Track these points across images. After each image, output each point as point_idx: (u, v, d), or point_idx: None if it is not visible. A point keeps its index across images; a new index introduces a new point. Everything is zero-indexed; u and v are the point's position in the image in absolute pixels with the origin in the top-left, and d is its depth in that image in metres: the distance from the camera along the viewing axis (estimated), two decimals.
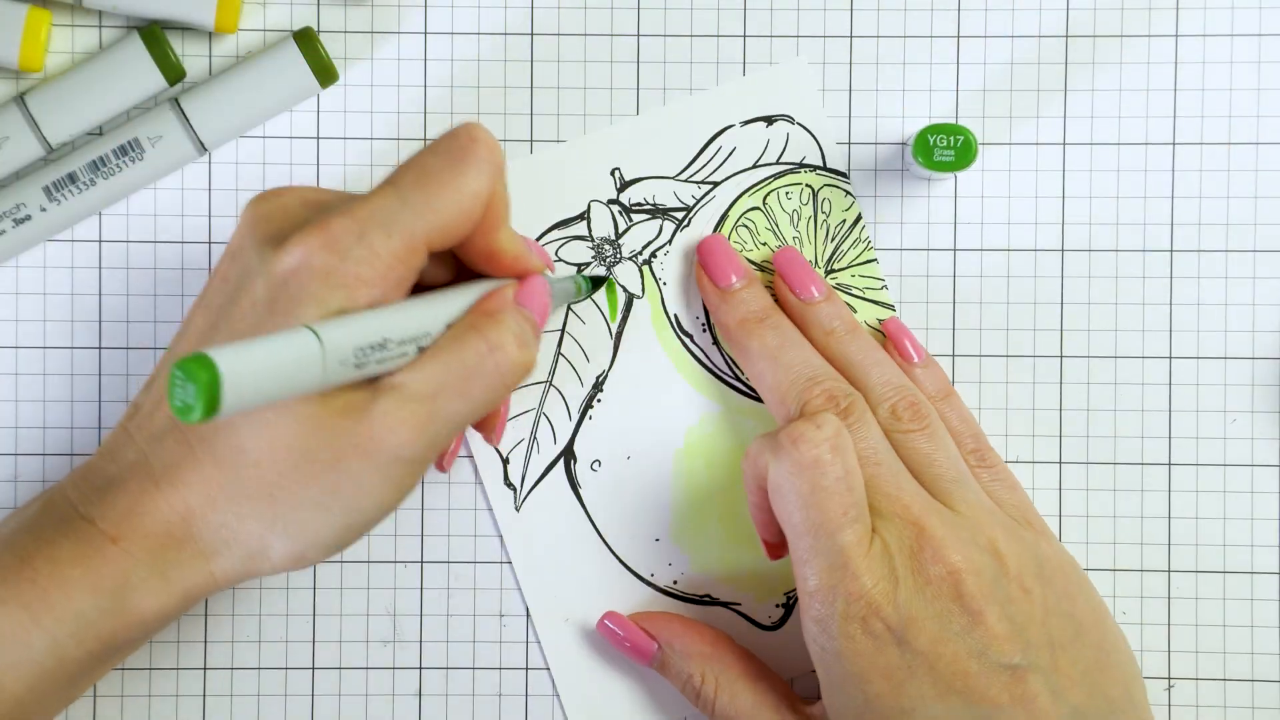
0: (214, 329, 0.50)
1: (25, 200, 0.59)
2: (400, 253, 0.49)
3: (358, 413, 0.48)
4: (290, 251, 0.48)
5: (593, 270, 0.60)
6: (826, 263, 0.60)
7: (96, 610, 0.49)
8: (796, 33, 0.60)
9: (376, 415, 0.48)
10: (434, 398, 0.49)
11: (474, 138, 0.50)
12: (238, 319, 0.49)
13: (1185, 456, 0.61)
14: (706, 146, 0.60)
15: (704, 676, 0.57)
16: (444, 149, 0.50)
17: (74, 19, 0.60)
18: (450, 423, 0.49)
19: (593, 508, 0.60)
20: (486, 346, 0.50)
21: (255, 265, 0.49)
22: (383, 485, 0.49)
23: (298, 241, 0.48)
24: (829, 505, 0.52)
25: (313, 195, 0.52)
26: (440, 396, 0.49)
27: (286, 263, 0.48)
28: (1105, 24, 0.60)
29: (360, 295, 0.48)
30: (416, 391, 0.48)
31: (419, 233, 0.49)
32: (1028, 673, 0.51)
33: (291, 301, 0.48)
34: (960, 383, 0.60)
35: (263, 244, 0.49)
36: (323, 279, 0.48)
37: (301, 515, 0.49)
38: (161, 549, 0.50)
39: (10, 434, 0.60)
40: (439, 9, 0.60)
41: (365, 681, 0.60)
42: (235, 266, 0.50)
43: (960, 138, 0.57)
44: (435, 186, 0.49)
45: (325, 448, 0.48)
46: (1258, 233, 0.60)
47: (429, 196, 0.49)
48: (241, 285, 0.49)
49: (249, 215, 0.51)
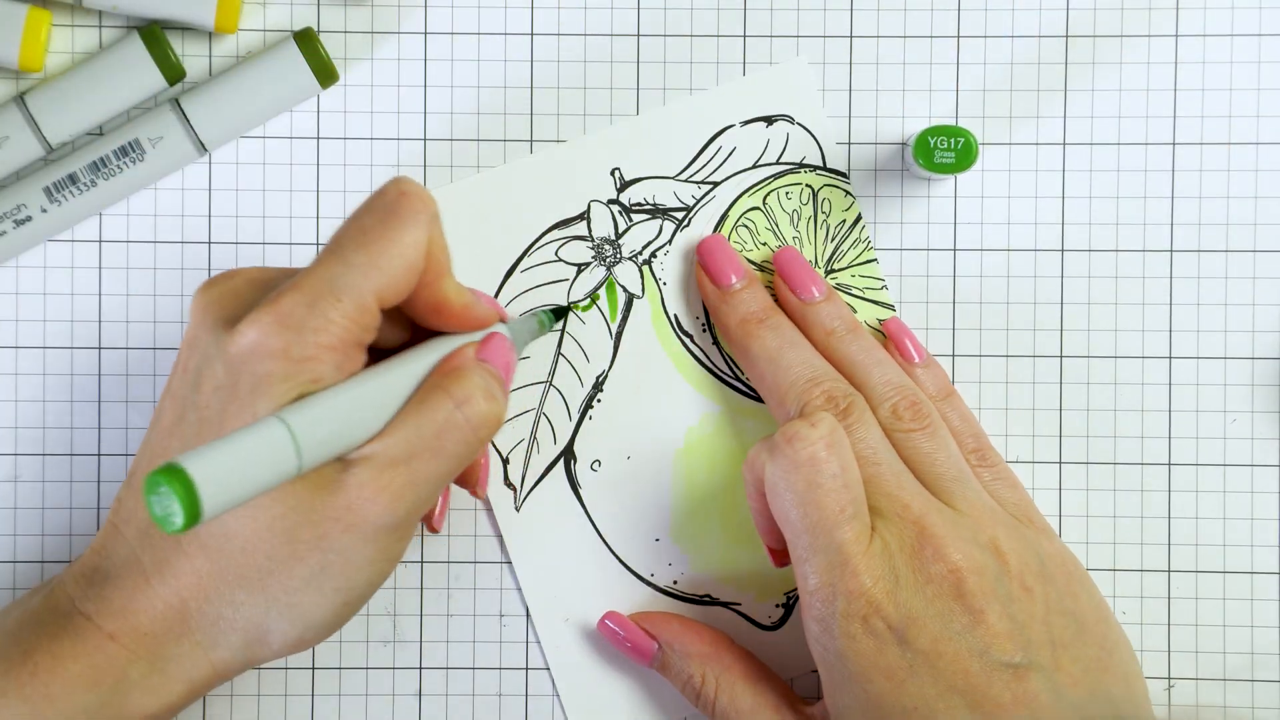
0: (181, 420, 0.50)
1: (26, 200, 0.59)
2: (353, 314, 0.49)
3: (333, 486, 0.48)
4: (244, 333, 0.48)
5: (586, 277, 0.60)
6: (826, 263, 0.60)
7: (97, 705, 0.50)
8: (796, 33, 0.60)
9: (352, 487, 0.48)
10: (407, 461, 0.49)
11: (402, 191, 0.50)
12: (203, 405, 0.49)
13: (1185, 456, 0.61)
14: (706, 146, 0.60)
15: (704, 677, 0.57)
16: (377, 206, 0.50)
17: (74, 19, 0.60)
18: (428, 484, 0.50)
19: (593, 508, 0.60)
20: (453, 403, 0.50)
21: (212, 350, 0.49)
22: (371, 556, 0.50)
23: (250, 322, 0.48)
24: (826, 503, 0.52)
25: (258, 275, 0.52)
26: (414, 459, 0.49)
27: (241, 344, 0.48)
28: (1105, 24, 0.60)
29: (321, 366, 0.48)
30: (389, 457, 0.49)
31: (367, 291, 0.49)
32: (1029, 671, 0.51)
33: (254, 381, 0.48)
34: (960, 383, 0.60)
35: (216, 328, 0.49)
36: (282, 356, 0.48)
37: (295, 597, 0.50)
38: (159, 644, 0.50)
39: (10, 434, 0.60)
40: (439, 9, 0.60)
41: (365, 681, 0.60)
42: (194, 355, 0.50)
43: (960, 139, 0.57)
44: (375, 244, 0.50)
45: (307, 525, 0.48)
46: (1258, 233, 0.60)
47: (371, 256, 0.49)
48: (201, 371, 0.50)
49: (199, 302, 0.51)
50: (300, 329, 0.48)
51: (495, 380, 0.52)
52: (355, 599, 0.51)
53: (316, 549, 0.49)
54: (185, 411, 0.50)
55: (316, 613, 0.50)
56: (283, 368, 0.48)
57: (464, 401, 0.50)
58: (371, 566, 0.50)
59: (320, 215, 0.60)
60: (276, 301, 0.48)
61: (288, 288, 0.49)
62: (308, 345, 0.48)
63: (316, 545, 0.49)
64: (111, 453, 0.60)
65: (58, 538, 0.60)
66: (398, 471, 0.49)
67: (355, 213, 0.51)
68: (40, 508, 0.60)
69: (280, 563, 0.49)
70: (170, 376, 0.52)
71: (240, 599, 0.50)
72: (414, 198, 0.50)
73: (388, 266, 0.49)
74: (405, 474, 0.49)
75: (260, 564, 0.49)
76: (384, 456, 0.49)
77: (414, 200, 0.50)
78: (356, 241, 0.50)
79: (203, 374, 0.49)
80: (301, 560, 0.49)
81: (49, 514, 0.60)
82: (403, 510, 0.49)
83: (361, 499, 0.48)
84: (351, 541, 0.49)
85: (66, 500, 0.60)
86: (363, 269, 0.49)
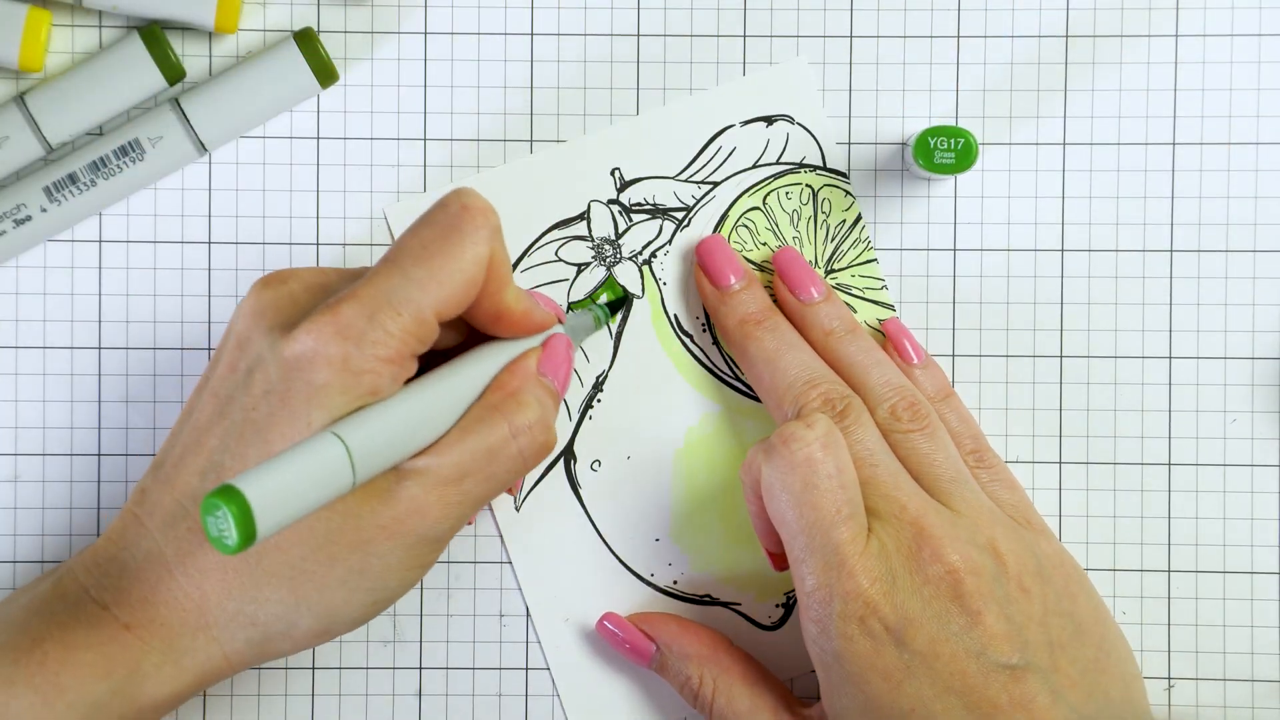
0: (222, 416, 0.50)
1: (25, 200, 0.59)
2: (411, 328, 0.49)
3: (384, 496, 0.49)
4: (301, 340, 0.48)
5: (586, 277, 0.60)
6: (826, 263, 0.60)
7: (109, 694, 0.50)
8: (796, 33, 0.60)
9: (404, 500, 0.49)
10: (459, 481, 0.50)
11: (464, 205, 0.50)
12: (250, 407, 0.49)
13: (1185, 456, 0.60)
14: (706, 146, 0.60)
15: (702, 678, 0.57)
16: (438, 220, 0.50)
17: (74, 19, 0.60)
18: (476, 503, 0.51)
19: (593, 508, 0.60)
20: (510, 431, 0.51)
21: (266, 353, 0.49)
22: (409, 562, 0.50)
23: (309, 330, 0.48)
24: (822, 503, 0.52)
25: (316, 279, 0.52)
26: (465, 480, 0.50)
27: (298, 350, 0.48)
28: (1105, 24, 0.60)
29: (379, 380, 0.48)
30: (442, 476, 0.49)
31: (426, 307, 0.49)
32: (1026, 673, 0.51)
33: (310, 391, 0.48)
34: (960, 383, 0.60)
35: (271, 331, 0.49)
36: (340, 367, 0.48)
37: (327, 595, 0.50)
38: (176, 636, 0.50)
39: (10, 434, 0.60)
40: (439, 9, 0.60)
41: (365, 681, 0.60)
42: (245, 355, 0.50)
43: (960, 140, 0.57)
44: (436, 259, 0.50)
45: (351, 530, 0.49)
46: (1258, 233, 0.60)
47: (431, 270, 0.49)
48: (252, 373, 0.50)
49: (253, 304, 0.51)
50: (360, 341, 0.48)
51: (552, 399, 0.53)
52: (385, 600, 0.51)
53: (357, 552, 0.49)
54: (228, 409, 0.50)
55: (345, 611, 0.50)
56: (340, 379, 0.48)
57: (520, 431, 0.51)
58: (408, 572, 0.51)
59: (320, 215, 0.60)
60: (336, 310, 0.48)
61: (346, 297, 0.49)
62: (366, 358, 0.48)
63: (357, 549, 0.49)
64: (111, 453, 0.60)
65: (58, 538, 0.60)
66: (448, 489, 0.50)
67: (416, 224, 0.51)
68: (40, 508, 0.60)
69: (316, 563, 0.49)
70: (209, 371, 0.52)
71: (266, 595, 0.50)
72: (476, 212, 0.50)
73: (448, 281, 0.50)
74: (455, 492, 0.50)
75: (294, 563, 0.49)
76: (438, 474, 0.49)
77: (476, 215, 0.50)
78: (416, 255, 0.50)
79: (254, 375, 0.49)
80: (340, 562, 0.49)
81: (49, 514, 0.60)
82: (448, 525, 0.50)
83: (411, 512, 0.49)
84: (393, 548, 0.49)
85: (66, 500, 0.60)
86: (421, 283, 0.49)
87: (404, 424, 0.48)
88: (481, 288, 0.51)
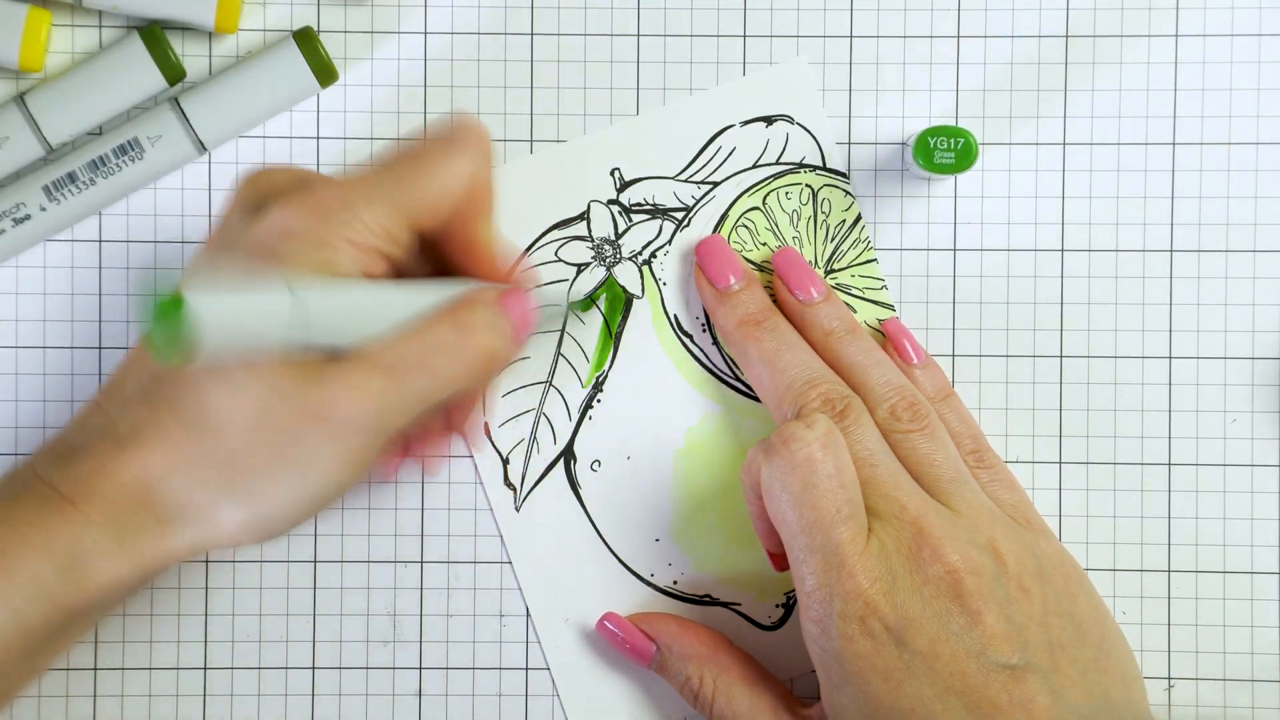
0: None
1: (25, 200, 0.59)
2: (384, 220, 0.50)
3: (318, 376, 0.48)
4: (273, 214, 0.49)
5: (586, 277, 0.60)
6: (826, 263, 0.60)
7: (54, 575, 0.49)
8: (796, 33, 0.60)
9: (335, 380, 0.48)
10: (394, 369, 0.49)
11: (465, 123, 0.52)
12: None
13: (1185, 456, 0.60)
14: (706, 147, 0.60)
15: (701, 678, 0.57)
16: (434, 134, 0.52)
17: (74, 19, 0.60)
18: (410, 397, 0.49)
19: (593, 508, 0.60)
20: (456, 327, 0.50)
21: (238, 229, 0.50)
22: (336, 456, 0.49)
23: (283, 204, 0.49)
24: (822, 503, 0.52)
25: (304, 174, 0.52)
26: (401, 369, 0.49)
27: (270, 223, 0.49)
28: (1105, 24, 0.60)
29: (341, 259, 0.49)
30: (379, 360, 0.49)
31: (403, 206, 0.50)
32: (1026, 673, 0.51)
33: (270, 259, 0.48)
34: (960, 383, 0.60)
35: (246, 211, 0.50)
36: (304, 240, 0.49)
37: (255, 483, 0.49)
38: (119, 514, 0.50)
39: (10, 434, 0.60)
40: (439, 9, 0.60)
41: (365, 681, 0.60)
42: (221, 235, 0.51)
43: (960, 140, 0.57)
44: (423, 164, 0.51)
45: (283, 412, 0.48)
46: (1258, 233, 0.60)
47: (416, 173, 0.51)
48: (224, 248, 0.50)
49: (241, 187, 0.52)
50: (328, 218, 0.49)
51: (505, 322, 0.52)
52: (311, 497, 0.50)
53: (286, 437, 0.49)
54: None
55: (272, 503, 0.50)
56: (301, 249, 0.48)
57: (464, 328, 0.51)
58: (333, 467, 0.49)
59: None
60: (312, 191, 0.50)
61: (326, 181, 0.50)
62: (332, 233, 0.49)
63: (286, 433, 0.48)
64: None
65: None
66: (383, 375, 0.49)
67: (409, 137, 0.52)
68: None
69: (249, 446, 0.49)
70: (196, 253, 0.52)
71: (204, 477, 0.49)
72: (469, 130, 0.52)
73: (429, 186, 0.51)
74: (389, 381, 0.49)
75: (231, 445, 0.49)
76: (373, 359, 0.49)
77: (471, 133, 0.52)
78: (406, 159, 0.51)
79: (225, 250, 0.50)
80: (269, 446, 0.49)
81: None
82: (375, 414, 0.49)
83: (339, 395, 0.48)
84: (320, 436, 0.49)
85: None
86: (404, 183, 0.50)
87: (354, 302, 0.48)
88: (458, 211, 0.52)
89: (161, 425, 0.50)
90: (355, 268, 0.49)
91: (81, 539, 0.50)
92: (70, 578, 0.50)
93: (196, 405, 0.49)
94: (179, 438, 0.49)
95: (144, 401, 0.50)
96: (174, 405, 0.49)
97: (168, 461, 0.50)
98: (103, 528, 0.50)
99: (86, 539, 0.50)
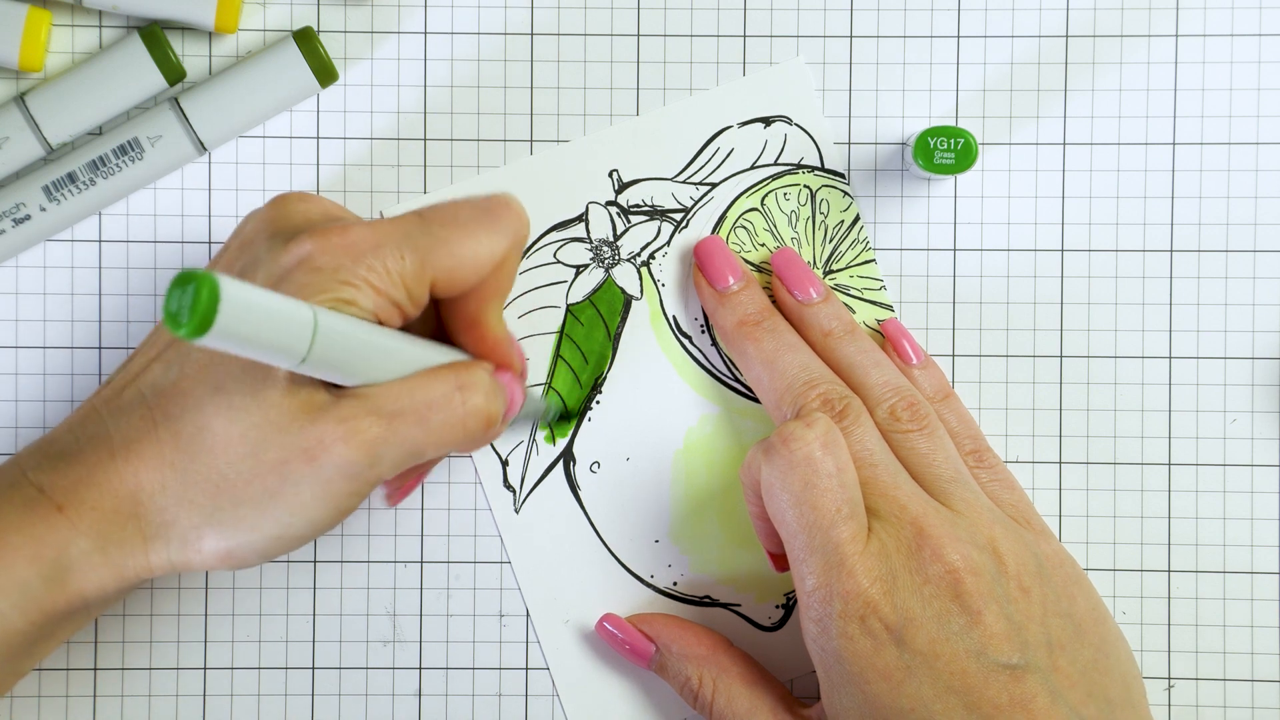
0: None
1: (25, 200, 0.59)
2: (409, 275, 0.50)
3: (316, 413, 0.49)
4: (303, 243, 0.49)
5: (585, 278, 0.60)
6: (825, 264, 0.60)
7: (38, 580, 0.49)
8: (796, 33, 0.60)
9: (331, 420, 0.49)
10: (390, 418, 0.49)
11: (509, 204, 0.52)
12: None
13: (1185, 456, 0.60)
14: (705, 147, 0.60)
15: (701, 679, 0.57)
16: (479, 203, 0.52)
17: (74, 19, 0.60)
18: (402, 449, 0.50)
19: (592, 509, 0.60)
20: (457, 384, 0.51)
21: (264, 255, 0.50)
22: (319, 498, 0.49)
23: (313, 236, 0.49)
24: (822, 502, 0.52)
25: (339, 210, 0.53)
26: (397, 419, 0.49)
27: (296, 253, 0.49)
28: (1105, 24, 0.60)
29: (361, 300, 0.49)
30: (377, 406, 0.49)
31: (432, 265, 0.50)
32: (1026, 673, 0.51)
33: (293, 289, 0.48)
34: (960, 383, 0.60)
35: (274, 238, 0.50)
36: (331, 274, 0.48)
37: (238, 512, 0.49)
38: (105, 524, 0.50)
39: (10, 434, 0.60)
40: (439, 9, 0.60)
41: (365, 681, 0.61)
42: (243, 256, 0.51)
43: (960, 140, 0.57)
44: (459, 230, 0.51)
45: (276, 445, 0.48)
46: (1258, 233, 0.60)
47: (449, 235, 0.51)
48: (245, 273, 0.50)
49: (270, 211, 0.52)
50: (357, 260, 0.49)
51: (501, 393, 0.53)
52: (289, 535, 0.50)
53: (274, 473, 0.49)
54: None
55: (251, 535, 0.50)
56: (326, 282, 0.48)
57: (465, 387, 0.51)
58: (315, 509, 0.50)
59: None
60: (346, 228, 0.49)
61: (362, 222, 0.50)
62: (356, 274, 0.49)
63: (275, 469, 0.49)
64: None
65: None
66: (379, 421, 0.49)
67: (456, 199, 0.52)
68: None
69: (237, 474, 0.49)
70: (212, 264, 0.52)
71: (193, 499, 0.49)
72: (513, 212, 0.52)
73: (459, 253, 0.51)
74: (383, 429, 0.49)
75: (220, 468, 0.49)
76: (372, 402, 0.49)
77: (512, 214, 0.52)
78: (444, 219, 0.51)
79: (246, 276, 0.50)
80: (257, 478, 0.49)
81: None
82: (365, 462, 0.49)
83: (333, 436, 0.48)
84: (307, 476, 0.49)
85: None
86: (437, 242, 0.50)
87: (366, 341, 0.48)
88: (478, 285, 0.51)
89: (157, 440, 0.50)
90: (371, 312, 0.49)
91: (68, 547, 0.50)
92: (56, 585, 0.50)
93: (194, 424, 0.49)
94: (173, 455, 0.49)
95: (141, 413, 0.50)
96: (171, 421, 0.49)
97: (159, 478, 0.50)
98: (88, 537, 0.50)
99: (73, 548, 0.50)
